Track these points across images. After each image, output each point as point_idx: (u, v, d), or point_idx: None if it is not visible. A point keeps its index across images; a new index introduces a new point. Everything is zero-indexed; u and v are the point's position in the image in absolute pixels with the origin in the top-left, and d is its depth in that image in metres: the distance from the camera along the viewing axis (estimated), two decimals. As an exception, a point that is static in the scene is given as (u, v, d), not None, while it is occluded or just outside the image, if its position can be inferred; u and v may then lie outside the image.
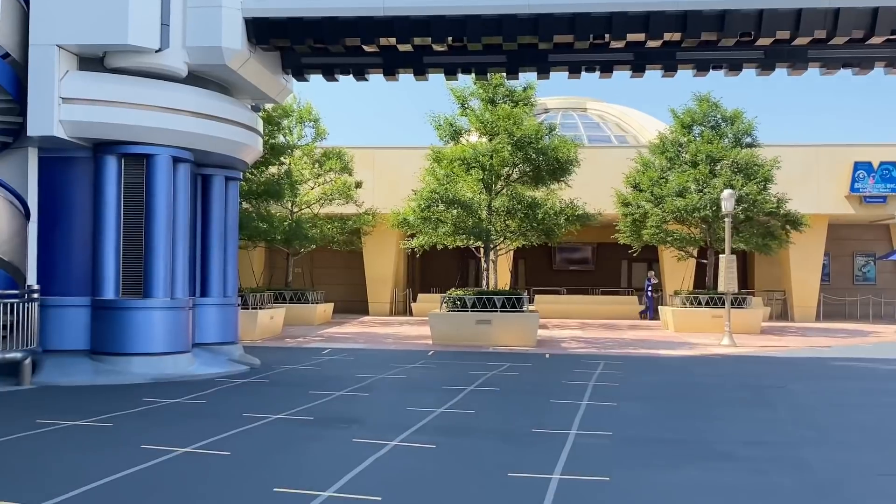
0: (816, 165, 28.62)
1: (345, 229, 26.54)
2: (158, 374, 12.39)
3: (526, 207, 19.69)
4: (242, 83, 14.01)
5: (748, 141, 25.40)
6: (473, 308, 19.19)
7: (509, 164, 19.70)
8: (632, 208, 25.67)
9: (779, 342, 21.24)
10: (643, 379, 13.47)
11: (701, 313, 24.38)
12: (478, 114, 20.05)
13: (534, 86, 20.25)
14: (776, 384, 12.86)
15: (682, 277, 28.42)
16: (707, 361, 16.71)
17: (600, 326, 26.61)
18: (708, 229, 25.16)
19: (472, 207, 19.66)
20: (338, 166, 26.18)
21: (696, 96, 25.67)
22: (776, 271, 32.82)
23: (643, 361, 16.48)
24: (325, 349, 17.83)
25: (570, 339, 21.23)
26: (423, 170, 20.62)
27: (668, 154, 25.68)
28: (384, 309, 31.17)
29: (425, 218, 19.75)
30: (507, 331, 18.99)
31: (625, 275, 40.09)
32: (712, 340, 21.26)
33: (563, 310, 30.73)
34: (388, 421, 9.34)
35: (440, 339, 19.21)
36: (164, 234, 12.67)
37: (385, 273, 30.95)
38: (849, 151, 28.68)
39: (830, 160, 28.68)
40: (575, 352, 18.07)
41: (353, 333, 22.50)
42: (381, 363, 15.24)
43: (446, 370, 14.42)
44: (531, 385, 12.55)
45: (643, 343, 20.55)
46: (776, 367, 15.84)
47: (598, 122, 41.71)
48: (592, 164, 27.73)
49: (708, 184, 24.30)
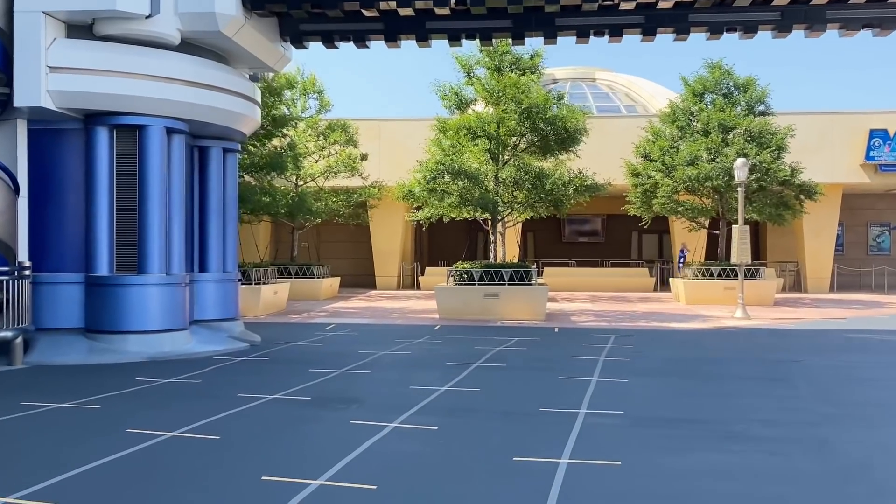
0: (831, 133, 27.96)
1: (350, 202, 26.12)
2: (155, 352, 12.05)
3: (534, 178, 19.20)
4: (239, 51, 13.52)
5: (761, 109, 24.78)
6: (481, 281, 18.78)
7: (516, 133, 19.18)
8: (642, 178, 25.13)
9: (793, 314, 20.78)
10: (655, 353, 13.06)
11: (713, 285, 23.91)
12: (483, 82, 19.51)
13: (541, 53, 19.68)
14: (792, 358, 12.43)
15: (694, 249, 27.90)
16: (720, 335, 16.28)
17: (610, 299, 26.18)
18: (720, 199, 24.62)
19: (478, 178, 19.18)
20: (342, 139, 25.71)
21: (707, 63, 25.02)
22: (788, 242, 32.29)
23: (654, 335, 16.06)
24: (329, 325, 17.48)
25: (579, 313, 20.82)
26: (429, 140, 20.12)
27: (679, 123, 25.09)
28: (391, 283, 30.81)
29: (431, 189, 19.29)
30: (516, 304, 18.59)
31: (635, 246, 39.61)
32: (725, 313, 20.83)
33: (573, 282, 30.32)
34: (388, 401, 8.96)
35: (447, 314, 18.83)
36: (158, 208, 12.27)
37: (392, 247, 30.54)
38: (864, 119, 28.01)
39: (845, 128, 28.01)
40: (584, 325, 17.67)
41: (359, 308, 22.14)
42: (385, 339, 14.87)
43: (452, 345, 14.05)
44: (539, 361, 12.15)
45: (654, 316, 20.12)
46: (791, 340, 15.40)
47: (608, 92, 41.06)
48: (601, 133, 27.20)
49: (720, 153, 23.73)
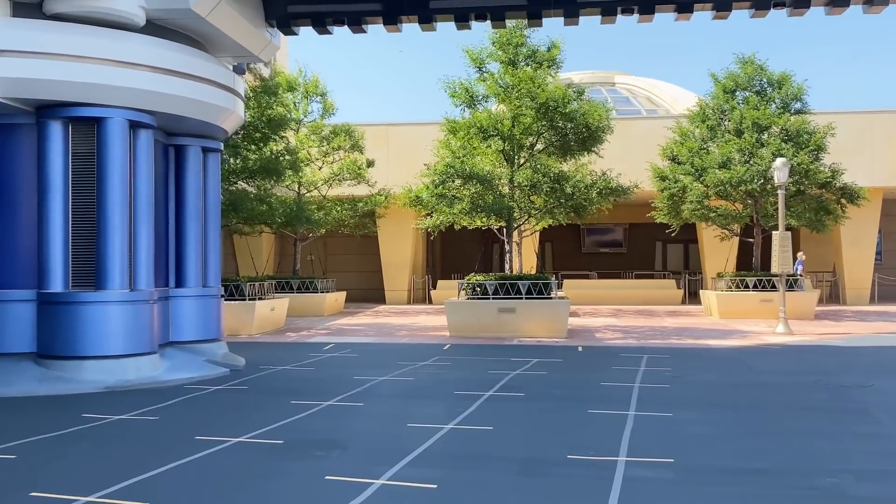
0: (870, 133, 26.06)
1: (356, 212, 24.45)
2: (116, 380, 10.38)
3: (552, 181, 17.46)
4: (218, 36, 11.92)
5: (797, 107, 22.91)
6: (495, 295, 17.05)
7: (533, 132, 17.47)
8: (669, 182, 23.32)
9: (838, 329, 18.89)
10: (697, 377, 11.26)
11: (748, 297, 22.04)
12: (497, 77, 17.83)
13: (559, 45, 17.97)
14: (859, 382, 10.59)
15: (726, 259, 26.03)
16: (765, 353, 14.46)
17: (636, 313, 24.35)
18: (754, 204, 22.77)
19: (491, 182, 17.48)
20: (347, 144, 24.09)
21: (739, 58, 23.22)
22: (823, 250, 30.32)
23: (692, 354, 14.25)
24: (328, 344, 15.78)
25: (604, 329, 19.03)
26: (437, 142, 18.44)
27: (709, 122, 23.29)
28: (402, 297, 29.09)
29: (440, 195, 17.59)
30: (534, 320, 16.84)
31: (659, 257, 37.75)
32: (764, 328, 18.98)
33: (595, 295, 28.49)
34: (379, 444, 7.24)
35: (458, 331, 17.10)
36: (119, 213, 10.63)
37: (402, 259, 28.84)
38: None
39: (886, 127, 26.09)
40: (611, 343, 15.88)
41: (364, 325, 20.44)
42: (387, 360, 13.16)
43: (462, 369, 12.31)
44: (563, 388, 10.39)
45: (687, 332, 18.29)
46: (848, 359, 13.54)
47: (628, 95, 39.38)
48: (624, 137, 25.43)
49: (755, 154, 21.90)
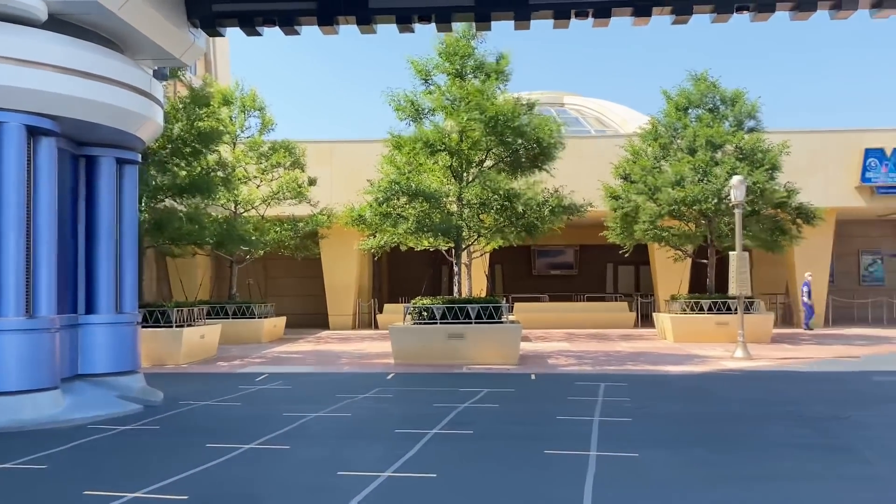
0: (824, 153, 25.74)
1: (297, 233, 23.23)
2: (9, 420, 9.07)
3: (503, 199, 16.53)
4: (133, 36, 10.77)
5: (751, 125, 22.43)
6: (443, 319, 16.02)
7: (482, 147, 16.55)
8: (622, 202, 22.62)
9: (797, 353, 18.25)
10: (659, 408, 10.34)
11: (703, 320, 21.35)
12: (444, 90, 16.91)
13: (507, 56, 17.13)
14: (834, 413, 9.78)
15: (679, 280, 25.40)
16: (727, 380, 13.65)
17: (589, 337, 23.51)
18: (708, 224, 22.16)
19: (438, 200, 16.48)
20: (287, 161, 22.92)
21: (691, 75, 22.71)
22: (775, 272, 29.93)
23: (651, 382, 13.37)
24: (261, 374, 14.55)
25: (557, 354, 18.10)
26: (381, 157, 17.40)
27: (661, 140, 22.67)
28: (346, 322, 27.85)
29: (384, 214, 16.53)
30: (485, 346, 15.84)
31: (610, 279, 37.14)
32: (721, 352, 18.26)
33: (546, 318, 27.62)
34: (301, 500, 6.12)
35: (404, 358, 16.01)
36: (15, 230, 9.36)
37: (347, 282, 27.63)
38: (859, 137, 25.82)
39: (839, 147, 25.80)
40: (566, 370, 14.94)
41: (303, 353, 19.20)
42: (324, 393, 12.01)
43: (406, 402, 11.23)
44: (516, 423, 9.37)
45: (643, 357, 17.46)
46: (816, 386, 12.78)
47: (577, 116, 38.94)
48: (574, 156, 24.65)
49: (709, 172, 21.30)
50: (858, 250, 31.23)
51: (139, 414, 10.18)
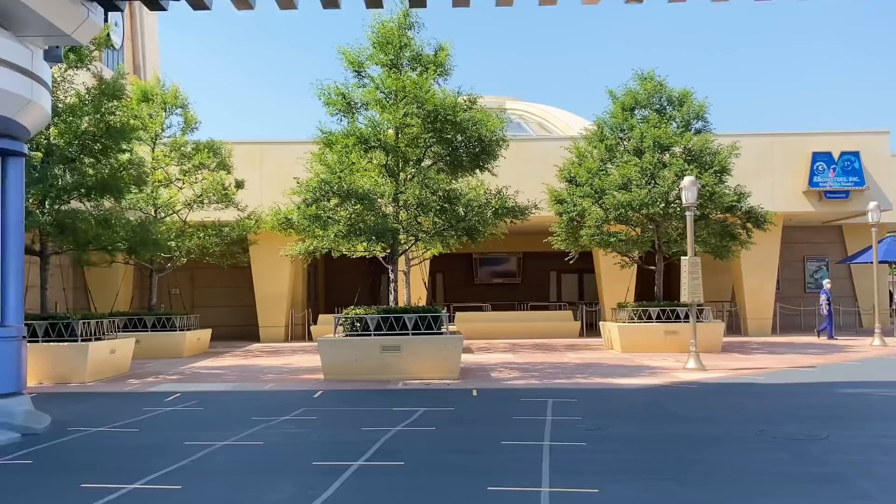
0: (771, 157, 25.19)
1: (224, 239, 21.68)
2: None
3: (442, 199, 15.32)
4: (14, 7, 9.28)
5: (699, 126, 21.67)
6: (378, 331, 14.72)
7: (420, 144, 15.33)
8: (567, 206, 21.62)
9: (750, 363, 17.42)
10: (615, 429, 9.21)
11: (652, 329, 20.44)
12: (377, 82, 15.65)
13: (447, 47, 15.96)
14: (809, 432, 8.76)
15: (626, 288, 24.50)
16: (684, 394, 12.64)
17: (534, 347, 22.44)
18: (656, 229, 21.30)
19: (373, 201, 15.19)
20: (212, 162, 21.39)
21: (637, 74, 21.86)
22: (721, 279, 29.33)
23: (603, 397, 12.28)
24: (174, 394, 13.05)
25: (501, 367, 16.94)
26: (310, 155, 16.04)
27: (607, 142, 21.75)
28: (279, 334, 26.30)
29: (314, 217, 15.16)
30: (423, 359, 14.59)
31: (554, 287, 36.29)
32: (672, 362, 17.35)
33: (489, 328, 26.48)
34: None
35: (334, 374, 14.66)
36: None
37: (278, 291, 26.10)
38: (806, 141, 25.34)
39: (786, 151, 25.29)
40: (510, 385, 13.77)
41: (227, 368, 17.68)
42: (239, 415, 10.62)
43: (331, 425, 9.92)
44: (456, 450, 8.14)
45: (591, 368, 16.41)
46: (780, 401, 11.85)
47: (519, 121, 38.08)
48: (518, 159, 23.70)
49: (656, 175, 20.45)
50: (804, 257, 30.84)
51: (15, 444, 8.66)
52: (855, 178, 24.75)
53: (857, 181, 24.76)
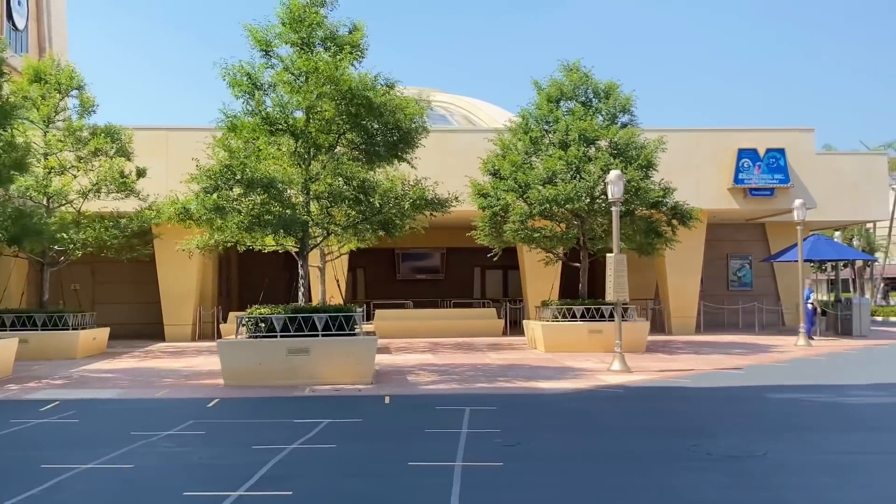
0: (697, 153, 24.83)
1: (123, 231, 20.11)
2: None
3: (356, 190, 14.24)
4: None
5: (625, 119, 21.09)
6: (285, 332, 13.58)
7: (334, 130, 14.21)
8: (490, 200, 20.79)
9: (676, 364, 16.87)
10: (536, 445, 8.32)
11: (576, 328, 19.78)
12: (287, 62, 14.47)
13: (361, 27, 14.87)
14: (747, 449, 8.02)
15: (550, 285, 23.84)
16: (610, 400, 11.90)
17: (455, 347, 21.54)
18: (581, 225, 20.63)
19: (281, 191, 14.00)
20: (111, 148, 19.82)
21: (563, 65, 21.16)
22: (644, 276, 29.00)
23: (525, 404, 11.42)
24: (52, 402, 11.67)
25: (419, 369, 15.97)
26: (213, 140, 14.74)
27: (532, 134, 20.98)
28: (185, 333, 24.78)
29: (215, 207, 13.90)
30: (333, 363, 13.51)
31: (478, 284, 35.53)
32: (597, 363, 16.70)
33: (410, 327, 25.49)
34: None
35: (236, 379, 13.45)
36: None
37: (185, 288, 24.59)
38: (732, 137, 25.07)
39: (712, 147, 24.96)
40: (427, 391, 12.80)
41: (121, 371, 16.25)
42: (118, 429, 9.39)
43: (219, 442, 8.78)
44: (355, 474, 7.11)
45: (514, 370, 15.59)
46: (709, 407, 11.18)
47: (444, 114, 37.37)
48: (441, 152, 22.85)
49: (582, 169, 19.77)
50: (727, 254, 30.76)
51: None
52: (780, 176, 24.58)
53: (782, 178, 24.59)
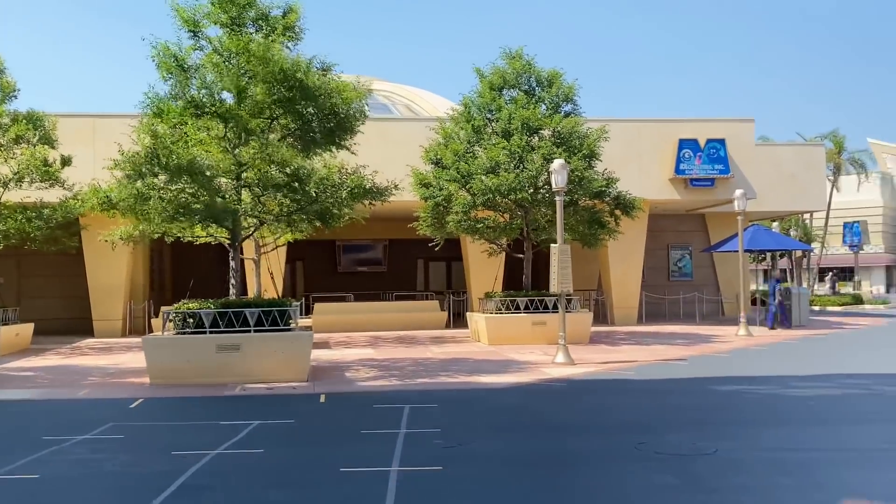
0: (638, 143, 24.71)
1: (47, 222, 19.08)
2: None
3: (290, 177, 13.60)
4: None
5: (568, 109, 20.78)
6: (214, 328, 12.92)
7: (266, 115, 13.54)
8: (433, 190, 20.32)
9: (620, 355, 16.65)
10: (478, 445, 7.88)
11: (520, 320, 19.47)
12: (216, 43, 13.75)
13: (297, 8, 14.22)
14: (697, 446, 7.72)
15: (494, 277, 23.49)
16: (554, 395, 11.56)
17: (396, 341, 21.04)
18: (524, 215, 20.30)
19: (209, 178, 13.29)
20: (33, 135, 18.77)
21: (505, 52, 20.76)
22: (587, 267, 28.87)
23: (466, 400, 10.99)
24: (-41, 406, 10.87)
25: (358, 365, 15.43)
26: (139, 124, 13.94)
27: (474, 122, 20.55)
28: (115, 328, 23.79)
29: (142, 196, 13.14)
30: (266, 360, 12.89)
31: (421, 276, 35.08)
32: (540, 356, 16.40)
33: (351, 321, 24.88)
34: None
35: (163, 377, 12.74)
36: None
37: (115, 281, 23.58)
38: (673, 128, 25.00)
39: (654, 137, 24.86)
40: (365, 387, 12.29)
41: (42, 369, 15.36)
42: (29, 434, 8.69)
43: (136, 447, 8.15)
44: (280, 484, 6.56)
45: (456, 364, 15.17)
46: (655, 401, 10.90)
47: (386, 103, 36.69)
48: (383, 141, 22.33)
49: (525, 158, 19.42)
50: (668, 245, 30.81)
51: None
52: (720, 166, 24.61)
53: (722, 169, 24.62)
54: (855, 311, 33.69)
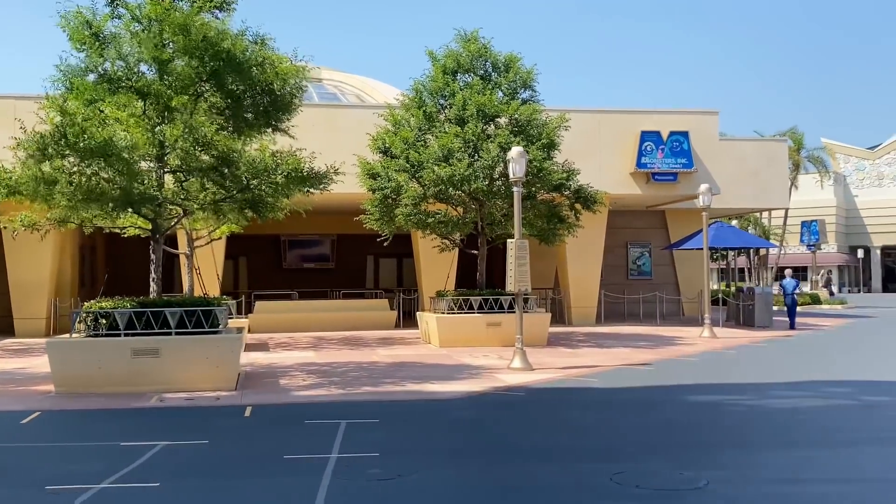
0: (598, 135, 23.62)
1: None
2: None
3: (217, 160, 12.12)
4: None
5: (525, 96, 19.58)
6: (130, 330, 11.42)
7: (190, 90, 12.03)
8: (381, 181, 18.96)
9: (580, 359, 15.50)
10: (420, 477, 6.57)
11: (473, 321, 18.25)
12: (134, 11, 12.21)
13: (231, -24, 12.75)
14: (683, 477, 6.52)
15: (446, 274, 22.20)
16: (511, 407, 10.32)
17: (342, 342, 19.64)
18: (479, 209, 19.05)
19: (126, 161, 11.73)
20: (-60, 114, 17.00)
21: (460, 35, 19.49)
22: (544, 265, 27.70)
23: (412, 414, 9.69)
24: None
25: (296, 370, 14.01)
26: (46, 102, 12.33)
27: (426, 108, 19.24)
28: (39, 327, 21.95)
29: (47, 180, 11.56)
30: (189, 366, 11.44)
31: (371, 273, 33.63)
32: (495, 360, 15.20)
33: (294, 320, 23.36)
34: None
35: (70, 385, 11.21)
36: None
37: (38, 277, 21.77)
38: (635, 119, 23.97)
39: (615, 129, 23.79)
40: (301, 398, 10.92)
41: (-62, 375, 13.71)
42: None
43: (8, 478, 6.68)
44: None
45: (404, 370, 13.86)
46: (625, 416, 9.71)
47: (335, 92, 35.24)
48: (331, 129, 21.02)
49: (480, 147, 18.18)
50: (627, 242, 29.82)
51: None
52: (683, 160, 23.65)
53: (685, 163, 23.66)
54: (813, 311, 33.10)
